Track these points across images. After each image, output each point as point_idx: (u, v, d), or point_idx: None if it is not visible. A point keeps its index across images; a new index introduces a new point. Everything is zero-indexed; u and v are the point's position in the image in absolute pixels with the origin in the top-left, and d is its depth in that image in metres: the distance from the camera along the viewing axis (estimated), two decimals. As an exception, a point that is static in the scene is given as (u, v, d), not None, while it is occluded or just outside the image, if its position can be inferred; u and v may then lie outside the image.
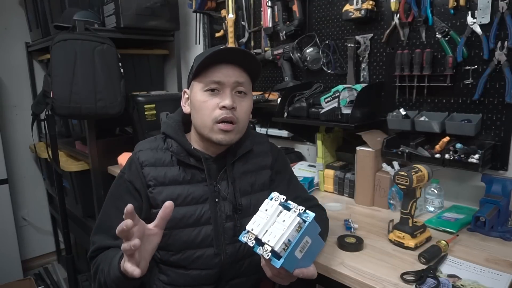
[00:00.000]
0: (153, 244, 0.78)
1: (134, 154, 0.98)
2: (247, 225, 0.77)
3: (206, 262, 0.95)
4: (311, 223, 0.72)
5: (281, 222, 0.73)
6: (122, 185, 0.97)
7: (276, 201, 0.77)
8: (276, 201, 0.77)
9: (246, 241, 0.76)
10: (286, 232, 0.70)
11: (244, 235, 0.77)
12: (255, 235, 0.74)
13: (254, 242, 0.75)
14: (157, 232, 0.78)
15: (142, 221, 0.75)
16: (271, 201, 0.77)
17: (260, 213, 0.77)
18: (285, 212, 0.74)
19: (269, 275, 0.80)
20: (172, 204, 0.77)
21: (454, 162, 1.19)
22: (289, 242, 0.71)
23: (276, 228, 0.72)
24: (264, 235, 0.73)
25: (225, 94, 0.91)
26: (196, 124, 0.96)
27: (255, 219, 0.76)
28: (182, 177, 0.95)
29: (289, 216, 0.72)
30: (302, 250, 0.73)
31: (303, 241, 0.72)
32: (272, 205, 0.76)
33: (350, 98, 1.37)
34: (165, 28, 2.15)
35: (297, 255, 0.72)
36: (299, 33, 1.69)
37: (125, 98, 1.82)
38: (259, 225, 0.75)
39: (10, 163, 2.65)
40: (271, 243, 0.71)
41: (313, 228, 0.74)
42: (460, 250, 1.01)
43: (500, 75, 1.17)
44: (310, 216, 0.73)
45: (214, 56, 0.89)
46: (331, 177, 1.51)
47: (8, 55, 2.61)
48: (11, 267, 2.55)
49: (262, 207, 0.78)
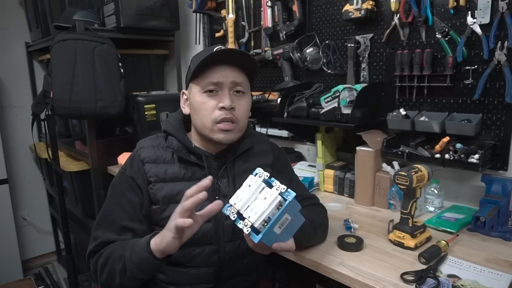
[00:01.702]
0: (193, 230, 0.80)
1: (136, 151, 0.99)
2: (231, 199, 0.78)
3: (205, 260, 0.96)
4: (291, 202, 0.74)
5: (262, 199, 0.74)
6: (124, 182, 0.97)
7: (260, 178, 0.78)
8: (260, 178, 0.78)
9: (229, 214, 0.78)
10: (267, 210, 0.73)
11: (228, 208, 0.79)
12: (237, 209, 0.76)
13: (236, 216, 0.77)
14: (199, 222, 0.79)
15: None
16: (255, 177, 0.79)
17: (244, 188, 0.78)
18: (267, 190, 0.76)
19: (251, 245, 0.83)
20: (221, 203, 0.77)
21: (454, 162, 1.19)
22: (268, 219, 0.73)
23: (257, 205, 0.74)
24: (246, 211, 0.75)
25: (224, 95, 0.92)
26: (196, 125, 0.97)
27: (238, 194, 0.78)
28: (182, 174, 0.96)
29: (271, 194, 0.74)
30: (281, 226, 0.75)
31: (282, 218, 0.74)
32: (256, 181, 0.78)
33: (350, 98, 1.37)
34: (165, 28, 2.15)
35: (276, 231, 0.75)
36: (299, 33, 1.69)
37: (125, 98, 1.82)
38: (241, 200, 0.76)
39: (10, 163, 2.65)
40: (251, 219, 0.73)
41: (294, 206, 0.76)
42: (460, 250, 1.01)
43: (500, 75, 1.17)
44: (291, 195, 0.74)
45: (212, 58, 0.90)
46: (331, 177, 1.51)
47: (8, 55, 2.61)
48: (11, 267, 2.56)
49: (245, 182, 0.79)
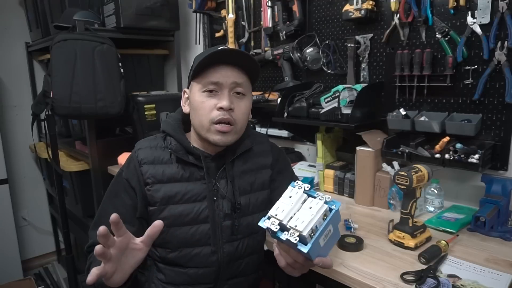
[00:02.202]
0: (136, 258, 0.76)
1: (134, 152, 0.99)
2: (270, 211, 0.75)
3: (203, 261, 0.95)
4: (336, 211, 0.73)
5: (307, 208, 0.72)
6: (119, 183, 0.98)
7: (300, 189, 0.76)
8: (300, 189, 0.76)
9: (269, 226, 0.74)
10: (314, 219, 0.70)
11: (266, 220, 0.75)
12: (280, 220, 0.73)
13: (278, 227, 0.73)
14: (142, 248, 0.76)
15: (129, 233, 0.74)
16: (295, 188, 0.77)
17: (284, 199, 0.76)
18: (311, 199, 0.74)
19: (283, 264, 0.79)
20: (161, 224, 0.74)
21: (454, 162, 1.19)
22: (316, 229, 0.71)
23: (303, 214, 0.72)
24: (290, 221, 0.72)
25: (223, 95, 0.91)
26: (194, 124, 0.97)
27: (279, 205, 0.75)
28: (180, 175, 0.96)
29: (316, 203, 0.72)
30: (325, 238, 0.73)
31: (327, 229, 0.72)
32: (297, 192, 0.76)
33: (350, 98, 1.37)
34: (165, 28, 2.15)
35: (321, 243, 0.72)
36: (299, 33, 1.69)
37: (125, 98, 1.82)
38: (283, 211, 0.74)
39: (10, 163, 2.65)
40: (299, 227, 0.70)
41: (337, 217, 0.74)
42: (460, 250, 1.01)
43: (500, 75, 1.17)
44: (336, 205, 0.73)
45: (212, 57, 0.89)
46: (331, 177, 1.51)
47: (8, 55, 2.61)
48: (11, 267, 2.56)
49: (285, 194, 0.77)
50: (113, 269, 0.72)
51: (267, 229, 0.74)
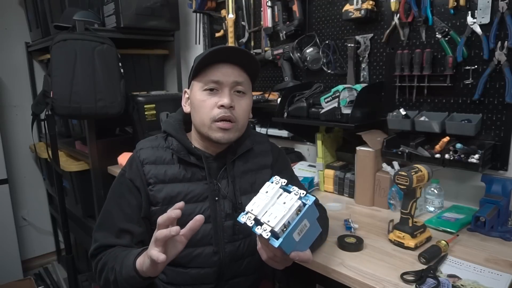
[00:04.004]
0: (177, 250, 0.78)
1: (135, 153, 0.99)
2: (247, 206, 0.77)
3: (205, 261, 0.96)
4: (310, 206, 0.73)
5: (281, 204, 0.73)
6: (123, 184, 0.97)
7: (277, 184, 0.77)
8: (277, 184, 0.77)
9: (245, 221, 0.76)
10: (287, 214, 0.71)
11: (243, 215, 0.77)
12: (255, 215, 0.75)
13: (253, 223, 0.75)
14: (183, 241, 0.78)
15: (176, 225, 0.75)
16: (272, 184, 0.78)
17: (260, 194, 0.77)
18: (286, 195, 0.75)
19: (264, 257, 0.80)
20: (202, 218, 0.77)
21: (454, 162, 1.19)
22: (288, 224, 0.72)
23: (276, 209, 0.73)
24: (264, 216, 0.74)
25: (224, 93, 0.92)
26: (196, 123, 0.97)
27: (255, 201, 0.77)
28: (182, 175, 0.96)
29: (290, 199, 0.73)
30: (300, 233, 0.74)
31: (301, 224, 0.73)
32: (273, 187, 0.77)
33: (350, 98, 1.37)
34: (165, 28, 2.15)
35: (295, 238, 0.73)
36: (299, 33, 1.69)
37: (125, 98, 1.82)
38: (258, 206, 0.75)
39: (10, 163, 2.65)
40: (271, 223, 0.71)
41: (312, 212, 0.74)
42: (460, 250, 1.01)
43: (500, 75, 1.17)
44: (310, 200, 0.73)
45: (213, 55, 0.89)
46: (331, 177, 1.51)
47: (8, 55, 2.61)
48: (11, 267, 2.55)
49: (262, 189, 0.78)
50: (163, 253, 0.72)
51: (244, 224, 0.76)
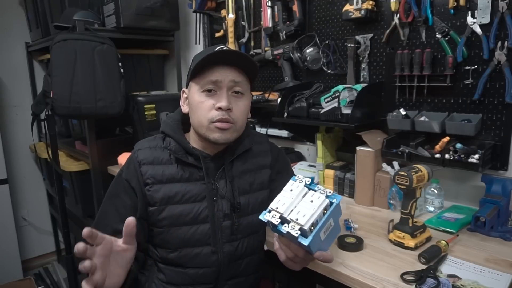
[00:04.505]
0: (126, 259, 0.77)
1: (133, 153, 0.99)
2: (270, 204, 0.75)
3: (203, 261, 0.96)
4: (337, 205, 0.72)
5: (308, 202, 0.72)
6: (119, 184, 0.98)
7: (301, 183, 0.76)
8: (301, 182, 0.76)
9: (270, 219, 0.73)
10: (316, 212, 0.70)
11: (266, 213, 0.75)
12: (281, 213, 0.73)
13: (279, 221, 0.72)
14: (127, 248, 0.77)
15: (108, 237, 0.73)
16: (296, 182, 0.77)
17: (285, 192, 0.75)
18: (312, 193, 0.74)
19: (283, 258, 0.79)
20: (133, 220, 0.74)
21: (454, 162, 1.19)
22: (316, 222, 0.71)
23: (304, 208, 0.71)
24: (291, 214, 0.72)
25: (221, 95, 0.92)
26: (194, 124, 0.97)
27: (279, 199, 0.75)
28: (180, 175, 0.96)
29: (317, 197, 0.72)
30: (326, 232, 0.73)
31: (327, 223, 0.72)
32: (298, 186, 0.76)
33: (350, 98, 1.37)
34: (165, 28, 2.15)
35: (321, 237, 0.72)
36: (299, 33, 1.69)
37: (125, 98, 1.82)
38: (284, 204, 0.73)
39: (10, 163, 2.65)
40: (300, 221, 0.69)
41: (338, 211, 0.74)
42: (460, 250, 1.01)
43: (500, 75, 1.17)
44: (337, 199, 0.72)
45: (211, 57, 0.90)
46: (331, 177, 1.51)
47: (8, 55, 2.61)
48: (11, 267, 2.55)
49: (286, 188, 0.76)
50: (102, 277, 0.72)
51: (267, 222, 0.74)
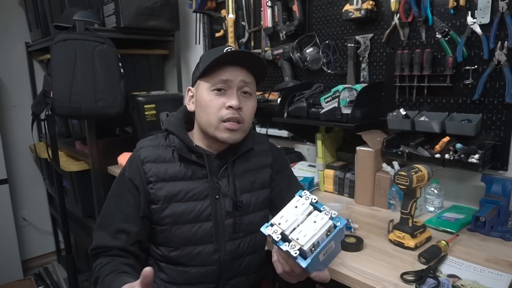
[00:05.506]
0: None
1: (136, 152, 0.99)
2: (273, 219, 0.73)
3: (205, 259, 0.96)
4: (341, 229, 0.71)
5: (311, 222, 0.71)
6: (122, 183, 0.98)
7: (306, 200, 0.75)
8: (307, 200, 0.74)
9: (270, 234, 0.72)
10: (317, 234, 0.69)
11: (268, 227, 0.73)
12: (282, 229, 0.71)
13: (279, 237, 0.71)
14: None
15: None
16: (301, 199, 0.75)
17: (289, 208, 0.74)
18: (316, 213, 0.72)
19: (280, 271, 0.79)
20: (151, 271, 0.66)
21: (454, 162, 1.19)
22: (317, 244, 0.69)
23: (306, 228, 0.70)
24: (293, 232, 0.71)
25: (232, 94, 0.92)
26: (201, 123, 0.97)
27: (283, 214, 0.73)
28: (183, 173, 0.96)
29: (321, 218, 0.71)
30: (325, 253, 0.72)
31: (328, 245, 0.71)
32: (303, 203, 0.74)
33: (350, 98, 1.37)
34: (165, 28, 2.15)
35: (320, 258, 0.71)
36: (299, 33, 1.69)
37: (125, 98, 1.82)
38: (287, 221, 0.72)
39: (10, 163, 2.65)
40: (300, 241, 0.68)
41: (340, 234, 0.73)
42: (460, 250, 1.01)
43: (500, 75, 1.17)
44: (342, 222, 0.71)
45: (225, 57, 0.90)
46: (331, 177, 1.51)
47: (8, 55, 2.61)
48: (11, 267, 2.55)
49: (291, 203, 0.75)
50: None
51: (268, 236, 0.73)
